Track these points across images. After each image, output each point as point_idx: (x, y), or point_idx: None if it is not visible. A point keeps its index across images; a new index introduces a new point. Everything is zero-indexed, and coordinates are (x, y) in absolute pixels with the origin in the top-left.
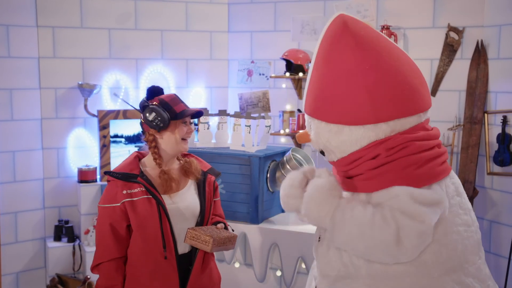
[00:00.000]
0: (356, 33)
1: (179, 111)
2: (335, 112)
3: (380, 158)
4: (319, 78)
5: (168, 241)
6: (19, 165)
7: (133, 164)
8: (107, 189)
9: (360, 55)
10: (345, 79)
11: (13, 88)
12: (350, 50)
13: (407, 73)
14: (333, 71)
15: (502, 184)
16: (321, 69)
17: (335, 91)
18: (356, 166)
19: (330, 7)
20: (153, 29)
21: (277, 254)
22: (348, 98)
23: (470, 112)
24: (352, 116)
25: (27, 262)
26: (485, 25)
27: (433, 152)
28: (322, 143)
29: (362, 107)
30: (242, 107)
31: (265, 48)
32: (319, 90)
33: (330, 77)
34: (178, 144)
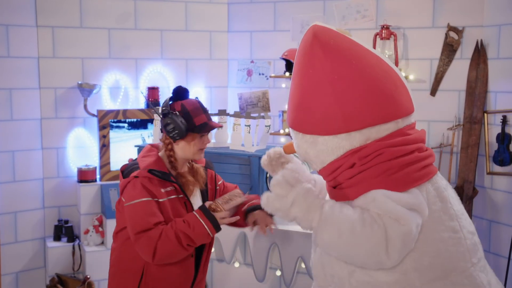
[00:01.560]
0: (325, 44)
1: (198, 123)
2: (309, 122)
3: (356, 167)
4: (294, 89)
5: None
6: (18, 165)
7: (160, 163)
8: (142, 184)
9: (329, 65)
10: (315, 90)
11: (12, 88)
12: (319, 60)
13: (379, 80)
14: (305, 82)
15: (502, 184)
16: (295, 81)
17: (307, 102)
18: (337, 176)
19: (330, 7)
20: (153, 29)
21: (276, 254)
22: (319, 109)
23: (470, 112)
24: (324, 126)
25: (26, 262)
26: (485, 25)
27: (411, 157)
28: (302, 154)
29: (333, 117)
30: (242, 107)
31: (264, 48)
32: (295, 101)
33: (302, 88)
34: (194, 155)
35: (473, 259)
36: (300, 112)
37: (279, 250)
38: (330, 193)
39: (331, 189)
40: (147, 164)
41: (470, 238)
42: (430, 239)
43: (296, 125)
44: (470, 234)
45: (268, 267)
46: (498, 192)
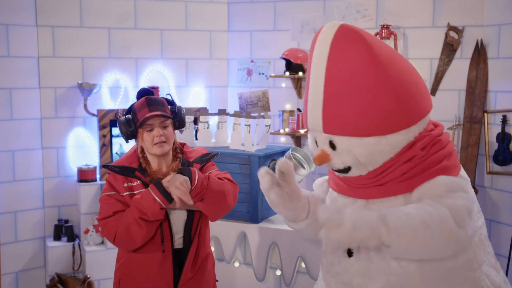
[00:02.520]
0: (368, 40)
1: (140, 118)
2: (370, 124)
3: (416, 159)
4: (341, 95)
5: (166, 235)
6: (18, 164)
7: (133, 157)
8: (108, 179)
9: (380, 63)
10: (372, 91)
11: (12, 87)
12: (370, 59)
13: (415, 72)
14: (356, 85)
15: (502, 184)
16: (340, 85)
17: (366, 104)
18: (388, 173)
19: (330, 7)
20: (153, 28)
21: (276, 253)
22: (380, 108)
23: (470, 112)
24: (387, 125)
25: (26, 261)
26: (485, 25)
27: (451, 143)
28: (352, 160)
29: (395, 114)
30: (242, 107)
31: (264, 48)
32: (347, 107)
33: (355, 92)
34: (151, 150)
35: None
36: (361, 116)
37: (279, 250)
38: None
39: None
40: (116, 161)
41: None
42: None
43: (351, 131)
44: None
45: (268, 267)
46: (498, 191)
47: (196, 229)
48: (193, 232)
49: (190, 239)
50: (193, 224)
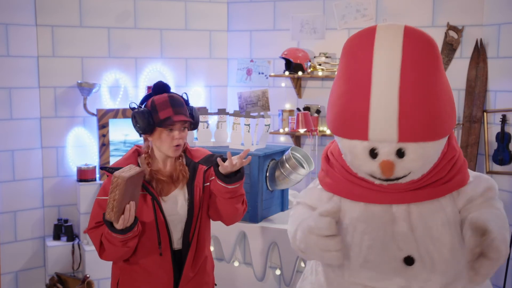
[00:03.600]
0: (435, 44)
1: (163, 117)
2: (444, 126)
3: (456, 155)
4: (420, 100)
5: (163, 238)
6: (18, 164)
7: (131, 159)
8: (105, 182)
9: (442, 67)
10: (441, 94)
11: (12, 87)
12: (438, 61)
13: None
14: (431, 90)
15: (502, 183)
16: (416, 91)
17: (440, 106)
18: (436, 172)
19: (330, 6)
20: (153, 28)
21: (276, 253)
22: (446, 112)
23: (470, 111)
24: (448, 128)
25: (26, 261)
26: (485, 24)
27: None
28: (418, 165)
29: (452, 116)
30: (242, 106)
31: (264, 47)
32: (425, 112)
33: (430, 96)
34: (167, 151)
35: None
36: (434, 120)
37: (279, 249)
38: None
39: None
40: (114, 162)
41: None
42: None
43: (430, 135)
44: None
45: (268, 266)
46: None
47: (195, 229)
48: (192, 233)
49: (188, 241)
50: (192, 225)
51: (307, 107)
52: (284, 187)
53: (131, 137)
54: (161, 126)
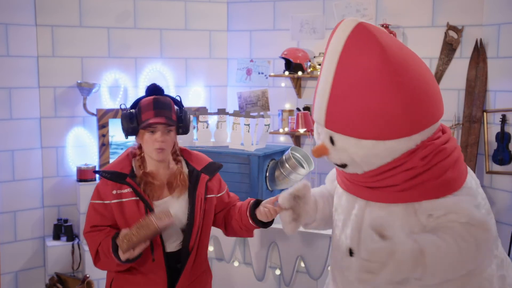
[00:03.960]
0: (384, 43)
1: (144, 119)
2: (371, 128)
3: (417, 168)
4: (347, 94)
5: (156, 244)
6: (18, 164)
7: (125, 162)
8: (98, 185)
9: (393, 68)
10: (378, 95)
11: (12, 87)
12: (383, 64)
13: (432, 80)
14: (365, 87)
15: (501, 183)
16: (348, 84)
17: (369, 107)
18: (388, 177)
19: (329, 6)
20: (152, 28)
21: (276, 253)
22: (385, 114)
23: (469, 111)
24: (389, 131)
25: (26, 261)
26: (484, 24)
27: (456, 150)
28: (347, 158)
29: (398, 121)
30: (241, 106)
31: (264, 47)
32: (350, 107)
33: (360, 94)
34: (150, 153)
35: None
36: (359, 118)
37: (279, 249)
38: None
39: (368, 190)
40: (108, 165)
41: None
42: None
43: (350, 130)
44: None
45: (268, 266)
46: (497, 191)
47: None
48: (192, 243)
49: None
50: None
51: (307, 107)
52: (284, 187)
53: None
54: (142, 128)
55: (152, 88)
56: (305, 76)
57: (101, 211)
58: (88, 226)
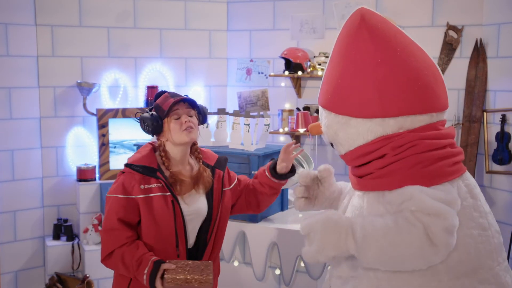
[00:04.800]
0: (372, 27)
1: (166, 108)
2: (344, 103)
3: (388, 157)
4: (333, 69)
5: (181, 240)
6: (18, 163)
7: (151, 157)
8: (122, 179)
9: (373, 48)
10: (355, 72)
11: (12, 86)
12: (363, 42)
13: (421, 70)
14: (345, 63)
15: (501, 183)
16: (335, 61)
17: (346, 83)
18: (365, 162)
19: (329, 6)
20: (152, 27)
21: (276, 252)
22: (357, 91)
23: (469, 111)
24: (359, 109)
25: (26, 261)
26: (484, 24)
27: (444, 152)
28: (331, 135)
29: (370, 101)
30: (241, 106)
31: (264, 47)
32: (332, 81)
33: (343, 68)
34: (180, 139)
35: (499, 258)
36: (336, 92)
37: (279, 249)
38: (356, 183)
39: (357, 179)
40: (132, 159)
41: (497, 237)
42: (460, 235)
43: (329, 105)
44: (497, 233)
45: (268, 266)
46: (497, 191)
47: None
48: (209, 236)
49: (206, 242)
50: (209, 228)
51: (307, 107)
52: (283, 187)
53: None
54: (167, 116)
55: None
56: (305, 76)
57: (126, 205)
58: (110, 221)
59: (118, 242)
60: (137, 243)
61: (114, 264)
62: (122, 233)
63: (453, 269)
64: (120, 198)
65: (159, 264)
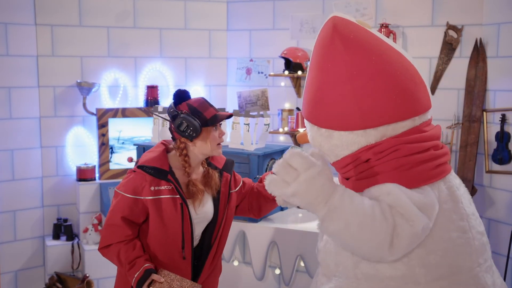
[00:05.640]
0: (345, 37)
1: (209, 117)
2: (325, 116)
3: (371, 161)
4: (312, 82)
5: (187, 242)
6: (17, 163)
7: (163, 159)
8: (133, 178)
9: (349, 59)
10: (333, 84)
11: (11, 86)
12: (338, 55)
13: (398, 76)
14: (323, 75)
15: (501, 183)
16: (313, 73)
17: (324, 96)
18: (350, 169)
19: (329, 5)
20: (152, 27)
21: (276, 252)
22: (336, 104)
23: (469, 111)
24: (340, 122)
25: (25, 260)
26: (484, 24)
27: (426, 155)
28: (317, 146)
29: (350, 113)
30: (241, 106)
31: (264, 47)
32: (311, 94)
33: (321, 81)
34: (212, 151)
35: (479, 259)
36: (316, 105)
37: (278, 249)
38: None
39: (344, 180)
40: (145, 160)
41: (478, 238)
42: (439, 237)
43: (311, 117)
44: (479, 234)
45: (267, 266)
46: (497, 190)
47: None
48: (214, 237)
49: (210, 243)
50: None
51: None
52: None
53: (124, 134)
54: (208, 125)
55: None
56: (304, 75)
57: (132, 205)
58: (113, 217)
59: (117, 238)
60: (135, 242)
61: (110, 256)
62: (123, 230)
63: (431, 271)
64: (128, 197)
65: (149, 273)
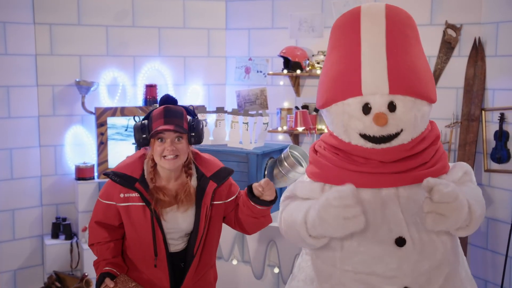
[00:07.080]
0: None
1: (152, 129)
2: (427, 89)
3: (439, 142)
4: (403, 58)
5: (160, 250)
6: (16, 162)
7: (136, 164)
8: (107, 184)
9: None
10: (427, 64)
11: (10, 85)
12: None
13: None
14: (418, 52)
15: (499, 181)
16: (416, 49)
17: (426, 72)
18: (419, 151)
19: (328, 4)
20: (151, 26)
21: (274, 251)
22: (431, 80)
23: (468, 109)
24: (432, 94)
25: (24, 259)
26: (483, 22)
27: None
28: (409, 122)
29: (433, 85)
30: (240, 104)
31: (262, 45)
32: (408, 68)
33: (417, 57)
34: (159, 162)
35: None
36: (424, 79)
37: (277, 248)
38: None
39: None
40: (117, 166)
41: None
42: None
43: (420, 92)
44: None
45: (266, 265)
46: (495, 189)
47: (199, 245)
48: (196, 248)
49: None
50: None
51: (306, 106)
52: (282, 185)
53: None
54: (152, 137)
55: (165, 98)
56: (303, 74)
57: (105, 210)
58: (93, 219)
59: (95, 239)
60: (108, 245)
61: (94, 253)
62: (99, 233)
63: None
64: (102, 202)
65: (103, 277)
